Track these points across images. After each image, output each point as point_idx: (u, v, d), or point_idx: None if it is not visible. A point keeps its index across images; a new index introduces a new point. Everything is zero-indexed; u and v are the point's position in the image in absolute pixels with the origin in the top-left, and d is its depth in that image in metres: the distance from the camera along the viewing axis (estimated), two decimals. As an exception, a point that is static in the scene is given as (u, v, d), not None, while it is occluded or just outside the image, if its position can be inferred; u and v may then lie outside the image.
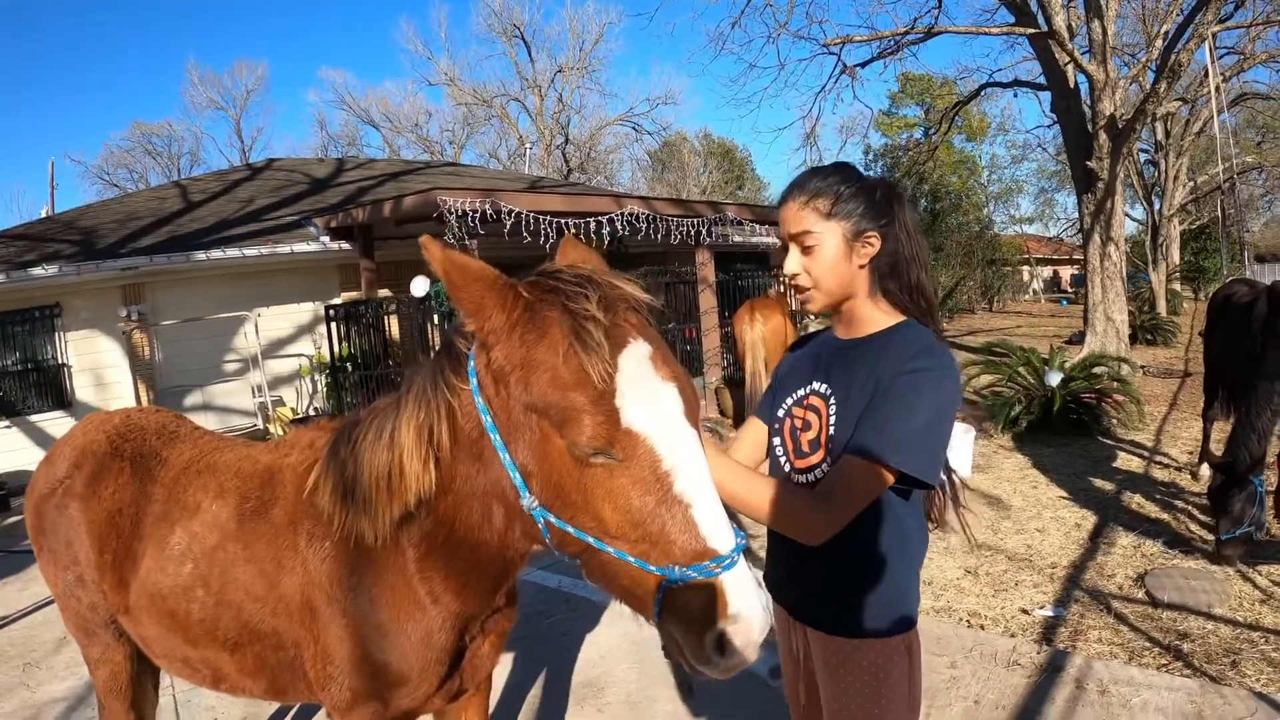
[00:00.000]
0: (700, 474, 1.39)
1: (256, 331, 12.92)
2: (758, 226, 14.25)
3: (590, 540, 1.40)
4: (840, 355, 1.92)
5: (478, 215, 9.83)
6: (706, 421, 10.89)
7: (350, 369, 12.09)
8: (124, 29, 68.95)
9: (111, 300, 12.69)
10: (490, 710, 2.51)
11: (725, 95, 78.71)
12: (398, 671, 1.97)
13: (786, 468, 1.95)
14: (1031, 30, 13.57)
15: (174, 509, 2.38)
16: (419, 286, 11.17)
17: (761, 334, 8.85)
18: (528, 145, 40.55)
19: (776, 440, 2.01)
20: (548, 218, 10.39)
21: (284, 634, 2.12)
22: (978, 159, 42.39)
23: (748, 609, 1.33)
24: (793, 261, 1.88)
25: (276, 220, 14.77)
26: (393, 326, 12.04)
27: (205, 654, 2.30)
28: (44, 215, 19.23)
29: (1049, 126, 28.08)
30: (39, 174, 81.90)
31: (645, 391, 1.39)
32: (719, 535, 1.36)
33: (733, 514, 1.49)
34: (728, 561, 1.34)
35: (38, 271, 11.78)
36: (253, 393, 13.25)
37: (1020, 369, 9.80)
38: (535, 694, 4.22)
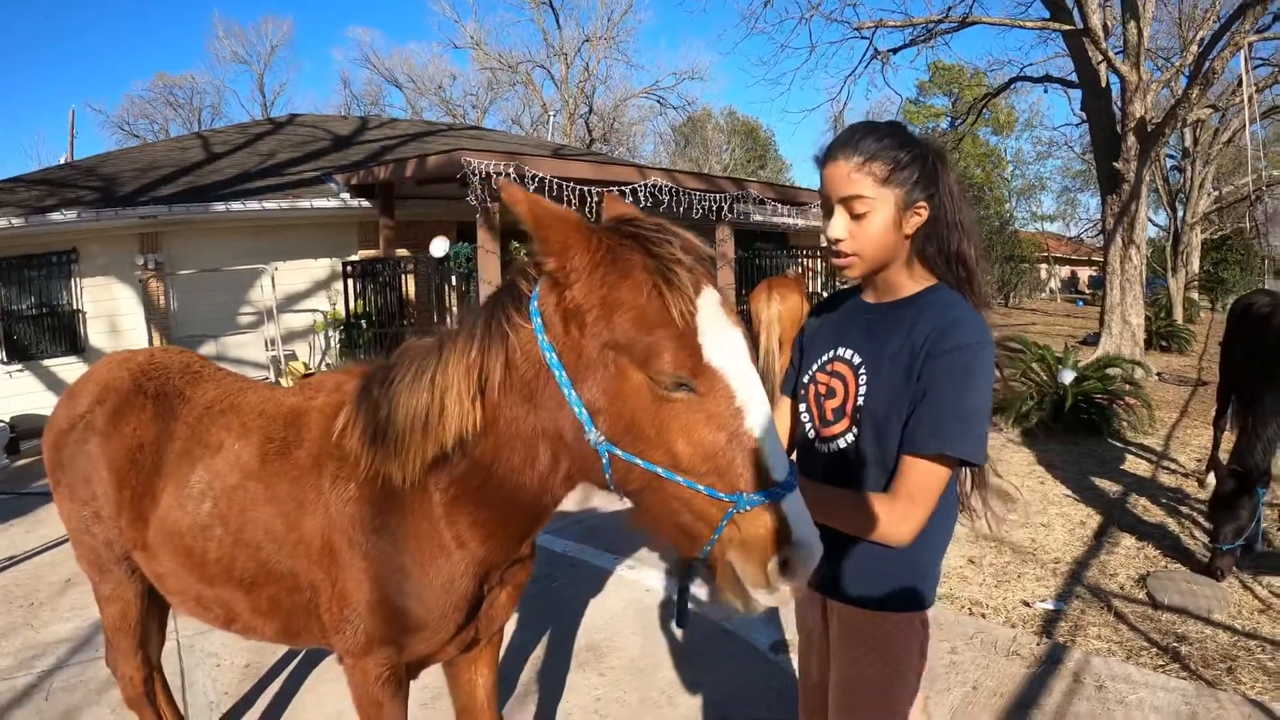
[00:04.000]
0: (766, 409, 1.45)
1: (273, 285, 12.93)
2: (779, 206, 14.22)
3: (660, 472, 1.44)
4: (868, 321, 1.88)
5: (501, 177, 9.82)
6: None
7: (365, 326, 12.14)
8: (151, -23, 68.71)
9: (129, 248, 12.70)
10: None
11: (755, 75, 78.20)
12: (417, 616, 1.99)
13: (811, 434, 1.94)
14: (1067, 27, 13.46)
15: (196, 447, 2.38)
16: (438, 247, 11.19)
17: (778, 313, 8.82)
18: (551, 113, 40.44)
19: (803, 406, 1.98)
20: (571, 184, 10.39)
21: (301, 575, 2.13)
22: (1003, 153, 42.13)
23: (810, 535, 1.41)
24: (838, 226, 1.79)
25: (297, 175, 14.76)
26: (409, 286, 12.09)
27: (220, 593, 2.31)
28: (63, 162, 19.19)
29: (1077, 125, 27.90)
30: (59, 121, 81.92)
31: (721, 332, 1.46)
32: (781, 466, 1.42)
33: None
34: (789, 486, 1.41)
35: (56, 216, 11.74)
36: (266, 346, 13.28)
37: (1034, 365, 9.77)
38: (539, 654, 4.26)
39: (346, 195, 13.46)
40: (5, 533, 7.01)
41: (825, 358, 1.94)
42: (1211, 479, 6.67)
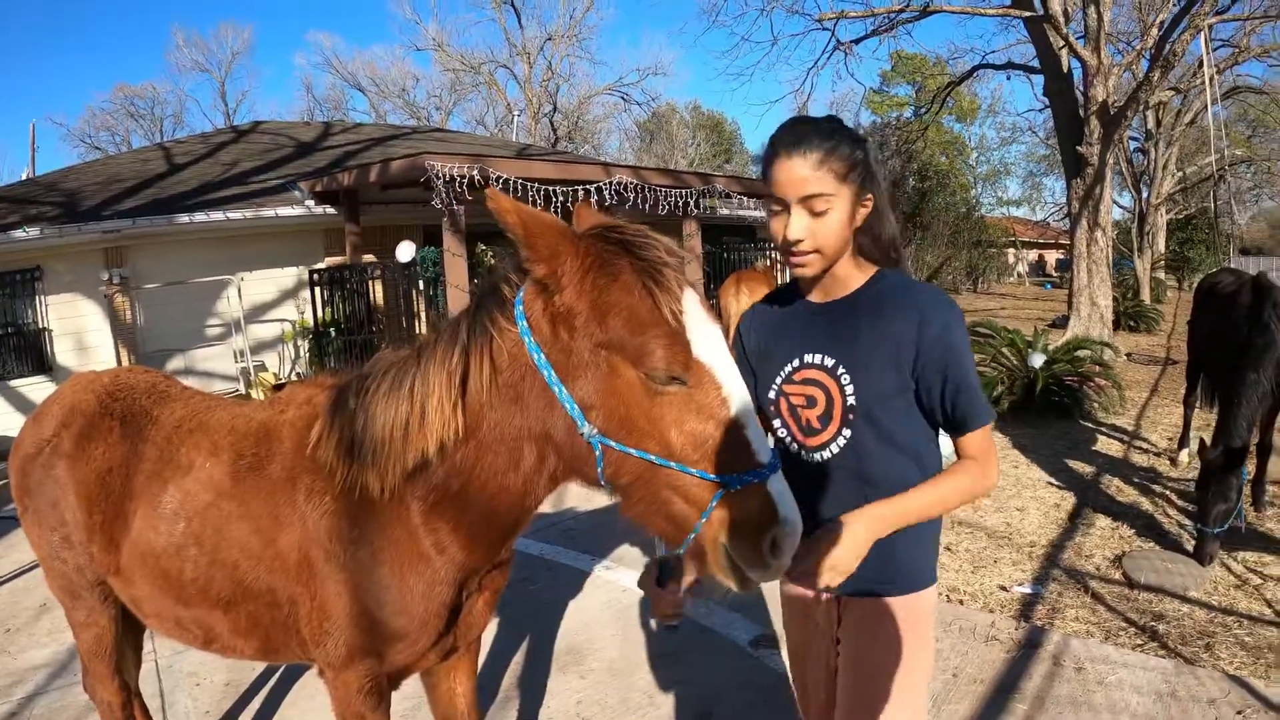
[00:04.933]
0: (747, 398, 1.55)
1: (239, 296, 12.82)
2: (745, 199, 14.25)
3: (654, 459, 1.52)
4: (828, 321, 1.91)
5: (466, 181, 9.77)
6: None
7: (334, 334, 12.06)
8: (108, -12, 67.89)
9: (93, 263, 12.52)
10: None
11: (717, 68, 78.23)
12: (397, 626, 1.99)
13: (794, 448, 1.94)
14: (1027, 13, 13.58)
15: (166, 468, 2.35)
16: (404, 252, 11.13)
17: (747, 306, 8.85)
18: (515, 113, 40.22)
19: (777, 422, 1.97)
20: (536, 185, 10.36)
21: (279, 591, 2.11)
22: (966, 140, 42.41)
23: (793, 513, 1.50)
24: (798, 225, 1.76)
25: (261, 184, 14.63)
26: (377, 292, 12.02)
27: (197, 614, 2.29)
28: (24, 178, 18.93)
29: (1040, 110, 28.18)
30: (19, 136, 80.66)
31: (705, 328, 1.55)
32: (765, 449, 1.52)
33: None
34: (774, 467, 1.51)
35: (18, 234, 11.58)
36: (235, 357, 13.19)
37: (1004, 349, 9.83)
38: (519, 659, 4.25)
39: (311, 203, 13.36)
40: (-24, 558, 6.91)
41: (790, 368, 1.95)
42: (1184, 456, 6.78)
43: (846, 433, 1.85)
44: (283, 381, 12.67)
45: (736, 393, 1.52)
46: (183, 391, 2.74)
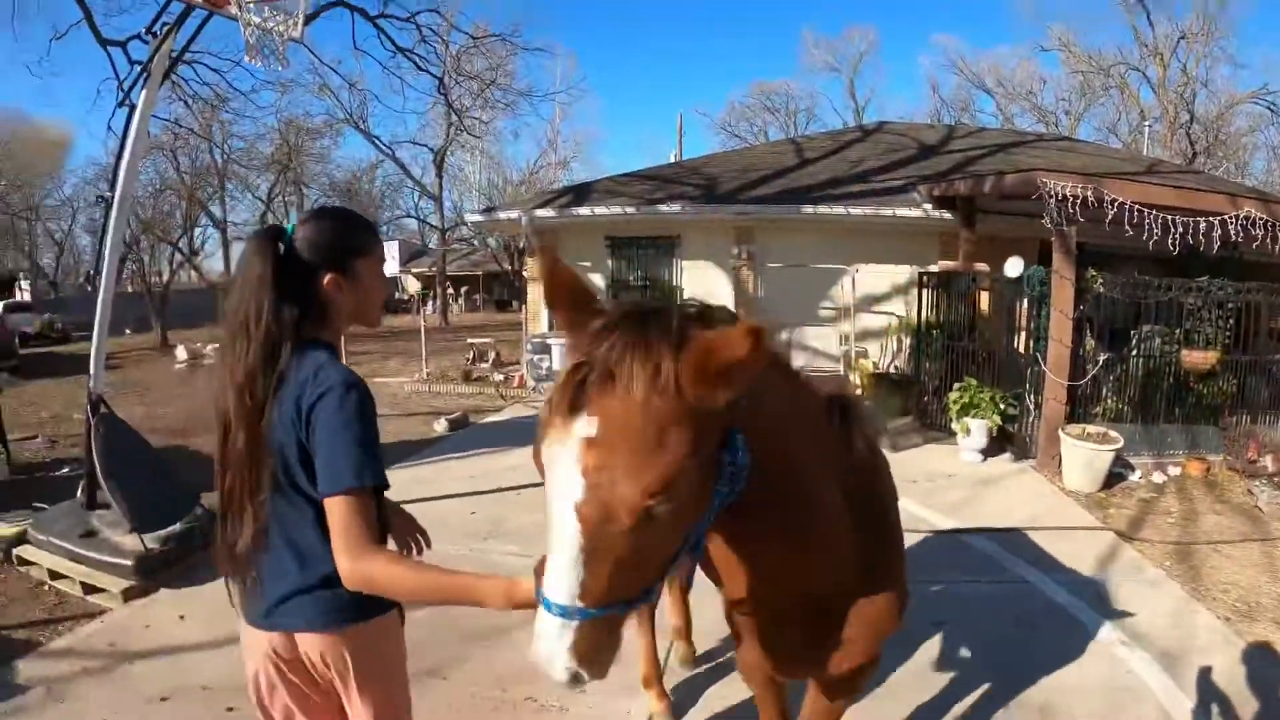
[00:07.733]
0: (556, 534, 1.44)
1: (853, 285, 13.39)
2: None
3: None
4: None
5: (1079, 201, 9.33)
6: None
7: (935, 335, 12.21)
8: (749, -2, 74.50)
9: (725, 239, 14.32)
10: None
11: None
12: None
13: None
14: None
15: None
16: (1012, 267, 10.90)
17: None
18: (1148, 122, 36.18)
19: None
20: (1153, 212, 9.53)
21: None
22: None
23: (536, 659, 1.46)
24: None
25: (882, 183, 15.20)
26: (983, 301, 11.91)
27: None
28: (671, 160, 22.11)
29: None
30: (668, 124, 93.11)
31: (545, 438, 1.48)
32: (548, 582, 1.45)
33: None
34: (546, 603, 1.45)
35: (664, 208, 14.05)
36: (840, 340, 13.92)
37: None
38: (986, 691, 4.19)
39: (928, 206, 13.57)
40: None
41: None
42: None
43: None
44: (881, 371, 13.14)
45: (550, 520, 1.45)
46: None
